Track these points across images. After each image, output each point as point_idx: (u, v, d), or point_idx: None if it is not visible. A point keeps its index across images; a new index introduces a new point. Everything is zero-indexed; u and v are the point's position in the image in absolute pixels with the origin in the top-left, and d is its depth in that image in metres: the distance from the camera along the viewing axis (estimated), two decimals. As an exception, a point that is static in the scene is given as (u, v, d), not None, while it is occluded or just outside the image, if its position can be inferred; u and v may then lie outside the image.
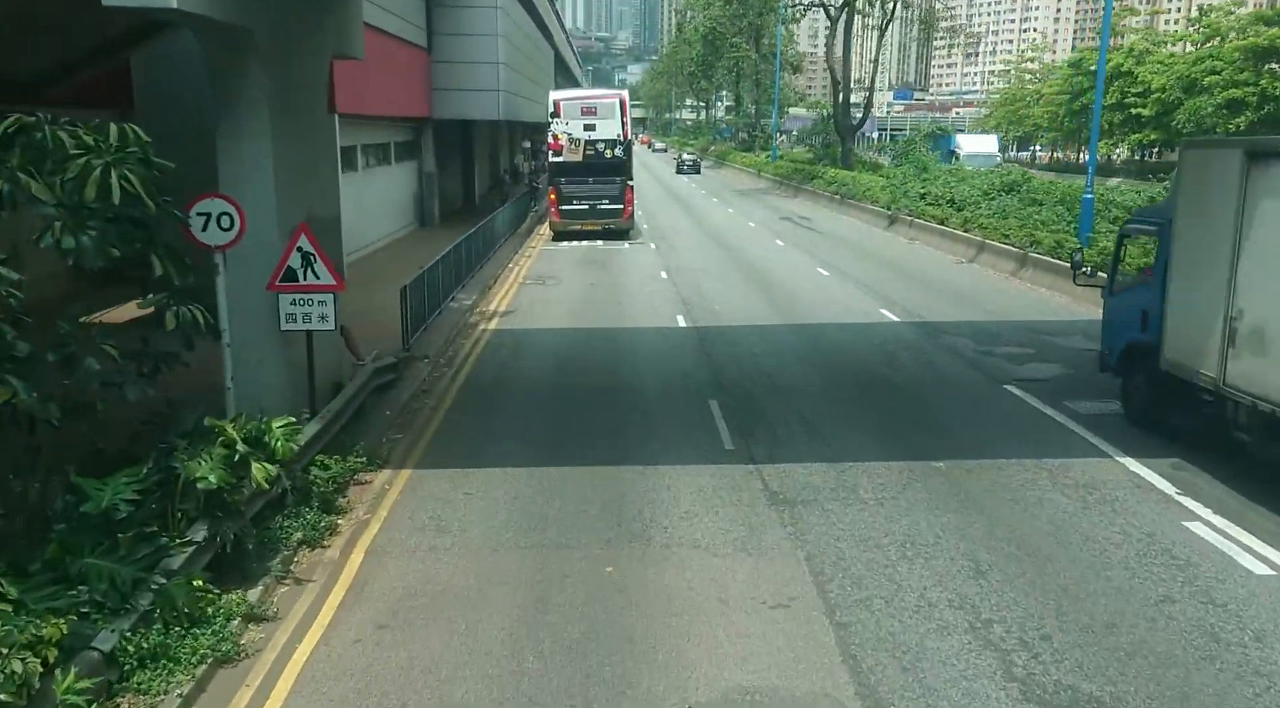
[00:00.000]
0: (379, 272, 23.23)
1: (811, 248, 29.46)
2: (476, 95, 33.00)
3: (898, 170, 39.32)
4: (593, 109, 31.13)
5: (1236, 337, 9.54)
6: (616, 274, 24.63)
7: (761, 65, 79.08)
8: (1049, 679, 6.45)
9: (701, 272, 24.77)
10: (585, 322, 18.66)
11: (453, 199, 41.18)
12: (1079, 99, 65.24)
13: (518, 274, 24.78)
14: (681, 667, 6.60)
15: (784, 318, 18.80)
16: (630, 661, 6.69)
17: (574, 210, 31.42)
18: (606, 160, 31.12)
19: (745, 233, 33.93)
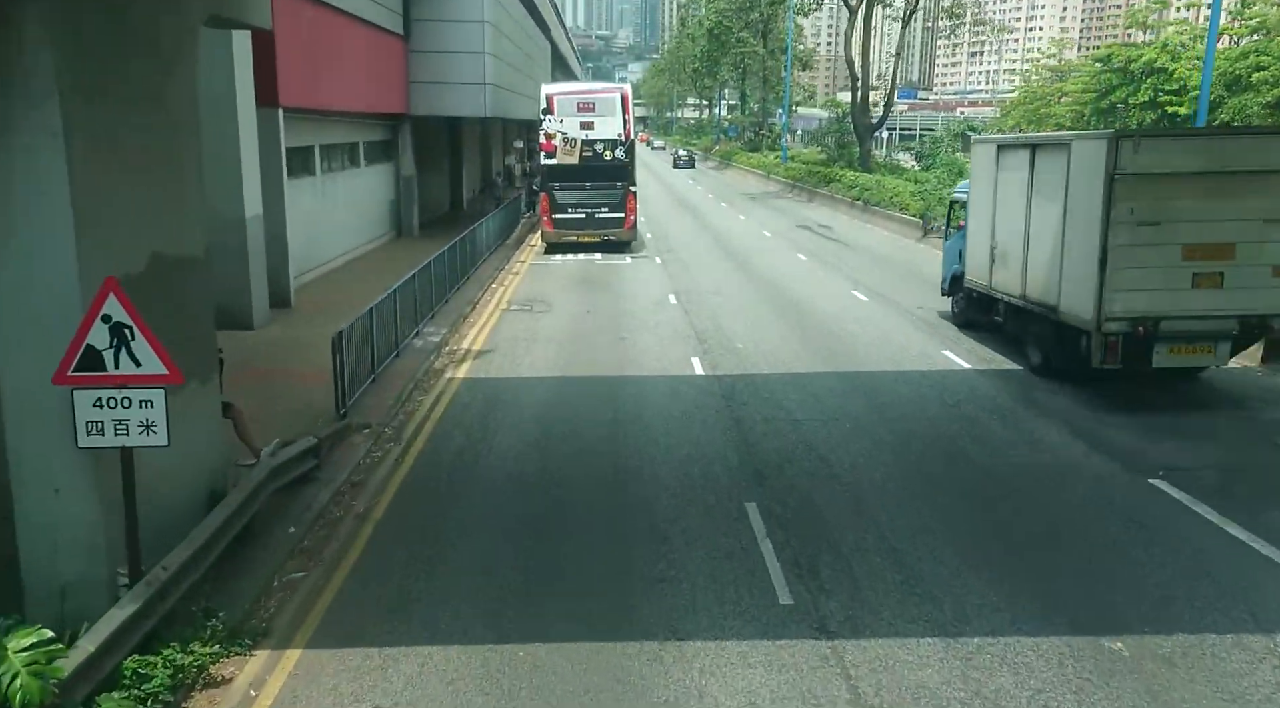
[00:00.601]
0: (335, 295, 19.61)
1: (839, 263, 25.81)
2: (460, 89, 29.34)
3: (928, 174, 35.66)
4: (591, 105, 27.49)
5: (994, 259, 15.43)
6: (617, 298, 20.99)
7: (769, 62, 75.50)
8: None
9: (716, 295, 21.12)
10: (579, 367, 15.01)
11: (437, 204, 37.52)
12: (1107, 97, 61.47)
13: (501, 297, 21.13)
14: None
15: (824, 362, 15.15)
16: None
17: (569, 219, 27.78)
18: (606, 163, 27.49)
19: (761, 244, 30.27)
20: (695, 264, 26.03)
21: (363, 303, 14.25)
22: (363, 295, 15.67)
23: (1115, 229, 12.13)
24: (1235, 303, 12.33)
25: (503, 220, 31.32)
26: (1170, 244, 12.18)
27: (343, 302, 18.11)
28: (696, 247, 29.87)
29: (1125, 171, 12.04)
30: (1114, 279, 12.20)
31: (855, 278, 23.36)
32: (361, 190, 26.21)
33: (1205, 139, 13.60)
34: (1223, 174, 12.09)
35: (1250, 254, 12.20)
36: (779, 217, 39.37)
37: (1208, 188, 12.09)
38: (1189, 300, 12.25)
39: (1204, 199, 12.11)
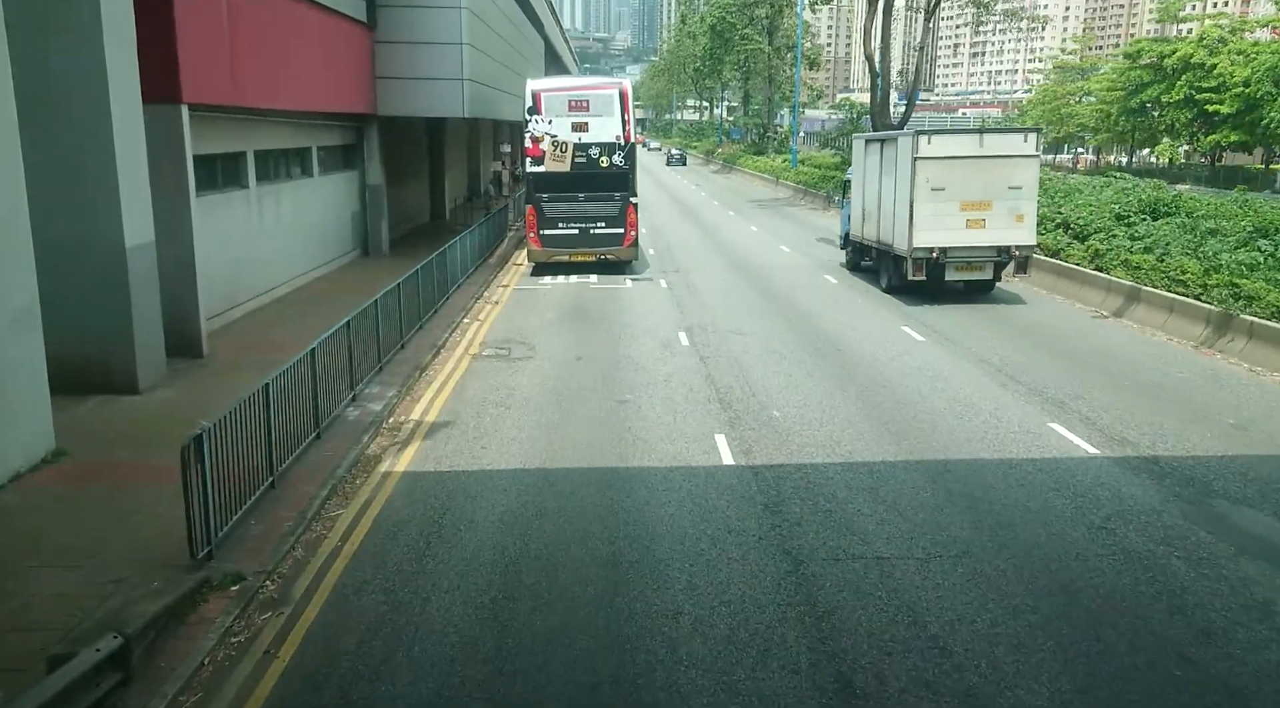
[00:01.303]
0: (268, 336, 15.87)
1: (875, 286, 21.95)
2: (434, 86, 25.47)
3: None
4: (584, 103, 23.63)
5: (864, 218, 22.23)
6: (615, 337, 17.10)
7: (774, 60, 71.72)
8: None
9: (737, 333, 17.25)
10: (564, 451, 11.11)
11: (414, 215, 33.65)
12: (1137, 96, 57.75)
13: (474, 337, 17.24)
14: None
15: (893, 440, 11.27)
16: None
17: (560, 236, 23.92)
18: (602, 171, 23.64)
19: (780, 261, 26.41)
20: (707, 288, 22.15)
21: (304, 343, 10.67)
22: (306, 334, 12.16)
23: (917, 192, 18.97)
24: (993, 239, 19.25)
25: (486, 234, 27.46)
26: (951, 201, 19.00)
27: (277, 345, 14.42)
28: (706, 265, 26.00)
29: (922, 156, 18.93)
30: (918, 225, 19.04)
31: (896, 304, 19.51)
32: (315, 203, 22.32)
33: (971, 136, 20.02)
34: (983, 157, 19.07)
35: (1000, 208, 19.06)
36: (794, 227, 35.50)
37: (974, 166, 18.99)
38: (964, 238, 19.20)
39: (972, 173, 18.96)
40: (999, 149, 19.21)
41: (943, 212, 18.95)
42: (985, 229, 19.06)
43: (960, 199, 18.93)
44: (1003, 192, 18.94)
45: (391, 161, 28.93)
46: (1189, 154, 64.88)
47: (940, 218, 18.94)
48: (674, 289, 22.18)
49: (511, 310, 19.81)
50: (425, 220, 35.94)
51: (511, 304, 20.55)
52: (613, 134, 23.55)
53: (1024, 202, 19.12)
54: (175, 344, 14.03)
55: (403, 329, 15.70)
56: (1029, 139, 19.60)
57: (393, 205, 29.05)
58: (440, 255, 19.66)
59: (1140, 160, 71.37)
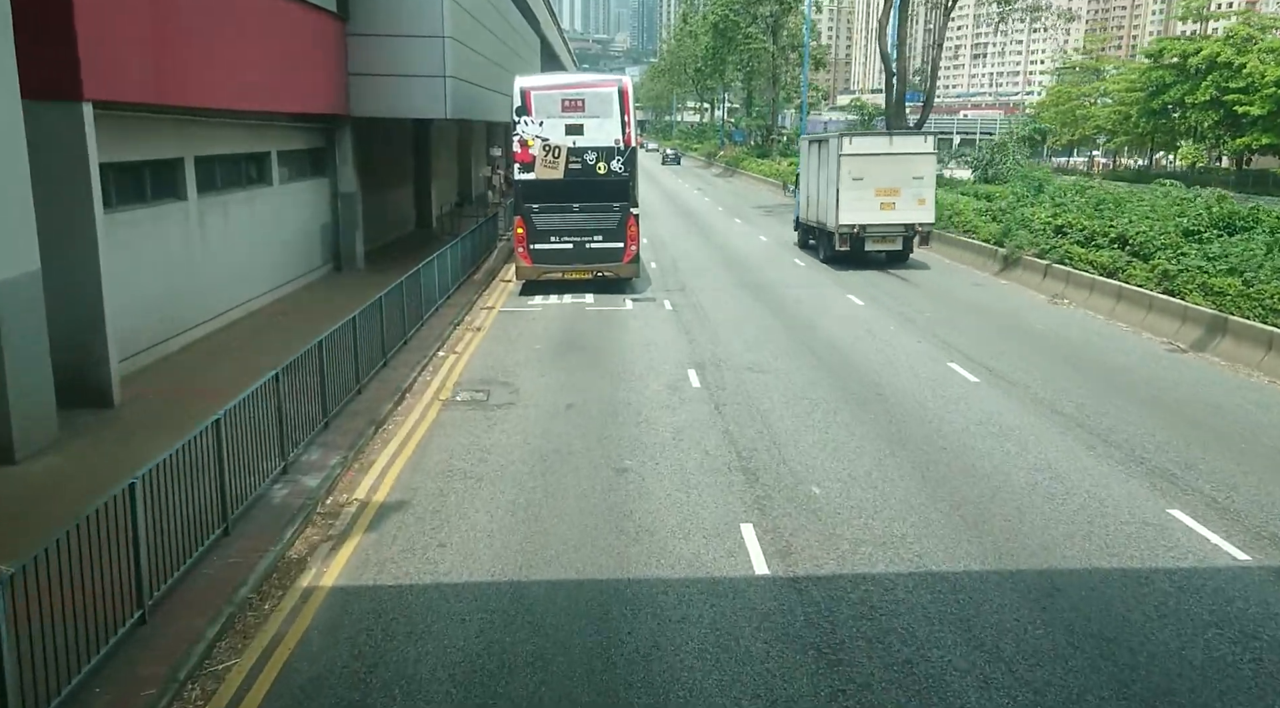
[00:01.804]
0: (204, 377, 13.31)
1: (909, 311, 19.42)
2: (413, 84, 22.92)
3: (1003, 189, 29.28)
4: (579, 102, 21.09)
5: (808, 204, 27.04)
6: (613, 377, 14.54)
7: (779, 59, 69.32)
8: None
9: (757, 372, 14.70)
10: (547, 549, 8.54)
11: (398, 224, 31.11)
12: (1159, 97, 55.23)
13: (448, 376, 14.69)
14: None
15: (977, 538, 8.70)
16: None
17: (552, 251, 21.37)
18: (600, 178, 21.11)
19: (796, 278, 23.85)
20: (717, 311, 19.60)
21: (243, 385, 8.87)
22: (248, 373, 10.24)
23: (841, 182, 23.86)
24: (900, 218, 24.13)
25: (472, 246, 24.93)
26: (868, 189, 23.80)
27: (209, 390, 11.92)
28: (714, 281, 23.45)
29: (845, 153, 23.89)
30: (842, 208, 23.96)
31: (941, 336, 16.95)
32: (275, 215, 19.77)
33: (884, 137, 26.95)
34: (892, 154, 24.12)
35: (907, 194, 23.89)
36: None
37: (886, 161, 23.95)
38: (879, 217, 24.00)
39: (884, 166, 23.87)
40: (905, 148, 24.63)
41: (862, 197, 23.93)
42: (895, 210, 24.16)
43: (875, 187, 23.96)
44: (908, 181, 24.06)
45: (370, 166, 26.41)
46: (1211, 158, 62.37)
47: (860, 202, 23.97)
48: (680, 312, 19.63)
49: (495, 340, 17.25)
50: (410, 229, 33.39)
51: (495, 331, 17.98)
52: (611, 137, 21.02)
53: (925, 189, 24.26)
54: (76, 394, 11.51)
55: (360, 372, 13.14)
56: (928, 140, 25.59)
57: (371, 214, 26.52)
58: (415, 275, 17.13)
59: (1155, 163, 68.92)
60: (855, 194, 23.82)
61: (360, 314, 13.52)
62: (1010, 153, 33.31)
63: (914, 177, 23.93)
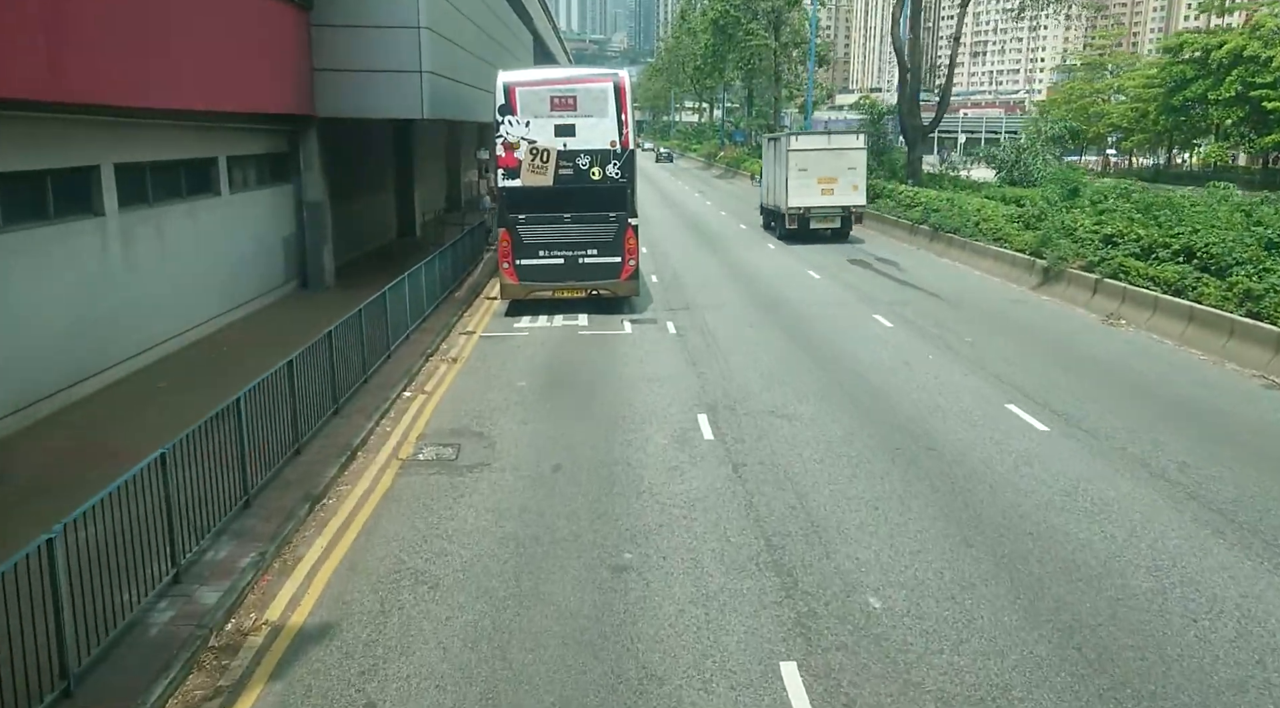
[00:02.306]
0: (98, 436, 10.85)
1: (947, 335, 17.06)
2: (386, 81, 20.55)
3: (1027, 191, 26.96)
4: (570, 99, 18.73)
5: (768, 191, 32.69)
6: (610, 427, 12.17)
7: (780, 56, 66.97)
8: None
9: (782, 418, 12.34)
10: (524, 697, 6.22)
11: (377, 233, 28.75)
12: (1180, 93, 52.86)
13: (411, 425, 12.31)
14: None
15: (1111, 696, 6.37)
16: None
17: (541, 267, 19.02)
18: (594, 185, 18.76)
19: (813, 295, 21.49)
20: (728, 336, 17.24)
21: (162, 440, 6.92)
22: (170, 425, 8.52)
23: (790, 172, 28.83)
24: (838, 201, 29.11)
25: (455, 258, 22.58)
26: (812, 177, 28.69)
27: (113, 449, 9.59)
28: (723, 298, 21.09)
29: (792, 149, 28.89)
30: (791, 193, 29.02)
31: (989, 367, 14.60)
32: (225, 229, 17.41)
33: (824, 135, 31.52)
34: (831, 149, 28.96)
35: (843, 181, 28.75)
36: (818, 244, 30.55)
37: (826, 154, 28.79)
38: (820, 200, 28.94)
39: (825, 159, 28.72)
40: (841, 144, 29.83)
41: (807, 184, 29.07)
42: (834, 195, 29.17)
43: (817, 176, 28.98)
44: (845, 171, 29.03)
45: (343, 171, 24.07)
46: (1232, 156, 60.03)
47: (805, 188, 29.11)
48: (686, 337, 17.27)
49: (472, 374, 14.87)
50: (391, 238, 31.05)
51: (474, 363, 15.60)
52: (606, 139, 18.66)
53: (858, 177, 29.42)
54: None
55: (300, 426, 10.77)
56: (859, 138, 31.09)
57: (345, 223, 24.18)
58: (380, 299, 14.78)
59: (1171, 162, 66.68)
60: (801, 182, 29.15)
61: (310, 349, 11.19)
62: (1039, 154, 30.99)
63: (849, 167, 29.21)
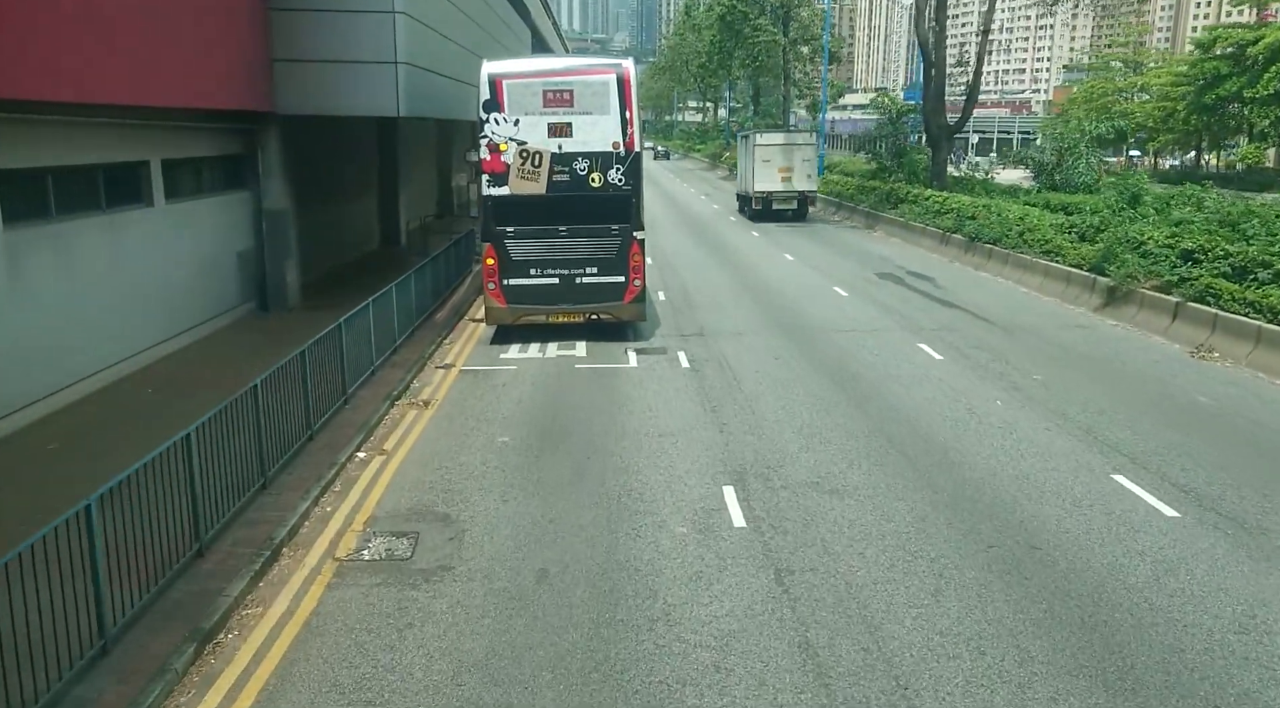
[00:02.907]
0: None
1: (1004, 367, 14.44)
2: (356, 73, 17.94)
3: (1084, 198, 24.34)
4: (567, 94, 16.12)
5: (742, 180, 39.58)
6: (611, 507, 9.54)
7: (790, 52, 64.40)
8: None
9: (832, 496, 9.70)
10: None
11: (355, 243, 26.14)
12: (1212, 90, 50.17)
13: (360, 503, 9.66)
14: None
15: None
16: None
17: (532, 288, 16.41)
18: (594, 193, 16.16)
19: (844, 318, 18.86)
20: (751, 372, 14.61)
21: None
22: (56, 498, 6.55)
23: (756, 163, 35.51)
24: (795, 187, 35.59)
25: (437, 274, 19.99)
26: (773, 167, 35.18)
27: None
28: (741, 321, 18.49)
29: (758, 143, 35.80)
30: (756, 180, 35.49)
31: (1073, 416, 11.97)
32: (158, 245, 14.80)
33: (782, 132, 40.13)
34: (789, 144, 35.86)
35: (799, 171, 35.40)
36: (840, 255, 27.95)
37: (785, 148, 35.35)
38: (780, 186, 35.23)
39: (784, 152, 35.26)
40: (797, 141, 36.59)
41: (769, 172, 35.45)
42: (791, 182, 35.51)
43: (778, 166, 35.34)
44: (800, 163, 35.59)
45: (314, 174, 21.51)
46: (1254, 157, 57.32)
47: (768, 175, 35.46)
48: (701, 372, 14.66)
49: (445, 425, 12.25)
50: (374, 247, 28.46)
51: (449, 409, 12.98)
52: (608, 139, 16.06)
53: (811, 168, 36.37)
54: None
55: (206, 515, 8.15)
56: (811, 135, 38.91)
57: (316, 233, 21.59)
58: (337, 332, 12.19)
59: (1200, 162, 64.07)
60: (765, 171, 35.89)
61: (234, 404, 8.63)
62: (1084, 156, 28.32)
63: (804, 160, 36.05)
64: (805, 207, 36.40)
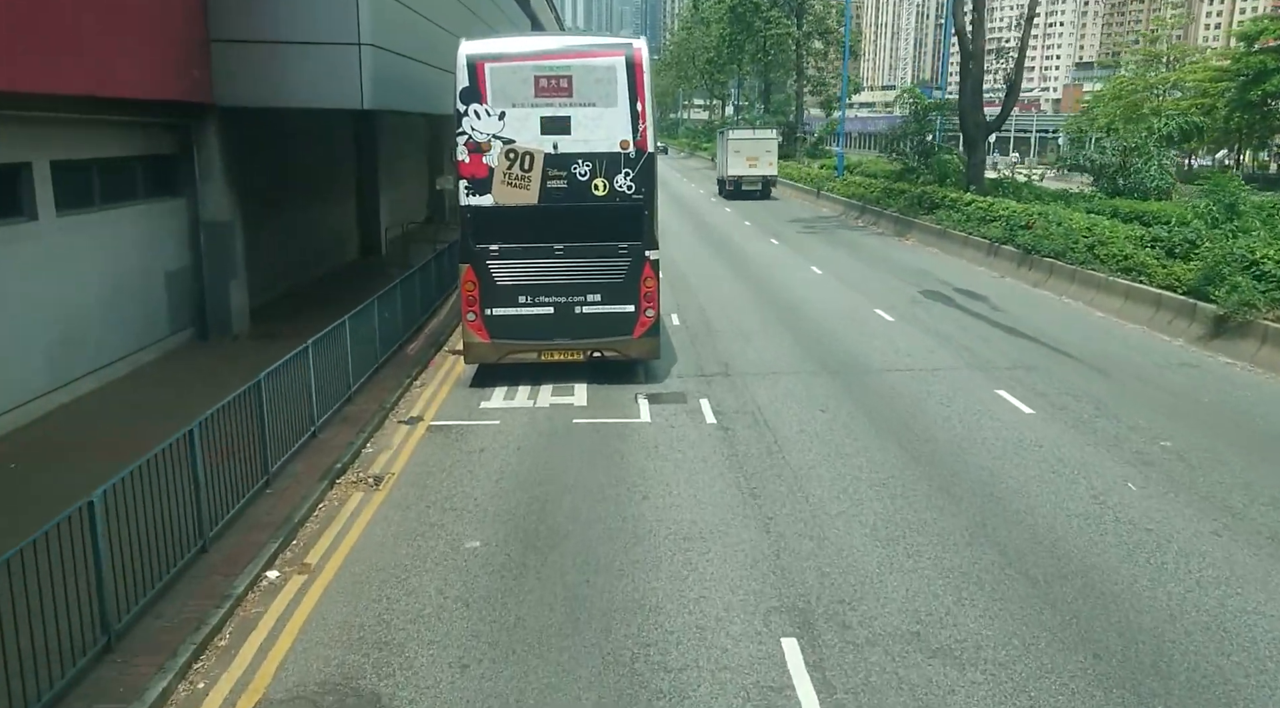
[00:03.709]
0: None
1: (1117, 426, 11.35)
2: (312, 58, 14.90)
3: (1168, 207, 21.24)
4: (564, 81, 13.01)
5: (717, 167, 50.02)
6: (624, 666, 6.50)
7: (804, 45, 61.34)
8: None
9: (944, 657, 6.62)
10: None
11: (327, 254, 23.09)
12: (1257, 86, 46.92)
13: (251, 670, 6.59)
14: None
15: None
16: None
17: (521, 320, 13.34)
18: (597, 204, 13.10)
19: (895, 348, 15.76)
20: (796, 432, 11.53)
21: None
22: None
23: (729, 154, 45.34)
24: (759, 172, 44.79)
25: (405, 299, 16.96)
26: (742, 156, 44.73)
27: None
28: (769, 351, 15.42)
29: (730, 138, 46.33)
30: (729, 167, 45.02)
31: (1245, 512, 8.87)
32: (47, 268, 11.75)
33: (750, 128, 50.42)
34: (755, 138, 45.90)
35: (763, 160, 44.84)
36: (873, 266, 24.85)
37: (751, 142, 45.43)
38: (747, 171, 44.73)
39: (750, 144, 45.13)
40: (761, 136, 45.92)
41: (739, 160, 44.30)
42: (757, 168, 44.30)
43: (746, 156, 44.31)
44: (763, 153, 44.54)
45: (273, 175, 18.57)
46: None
47: (738, 163, 44.25)
48: (732, 433, 11.59)
49: (398, 518, 9.17)
50: (352, 257, 25.44)
51: (405, 490, 9.89)
52: (615, 138, 12.98)
53: (772, 157, 44.84)
54: None
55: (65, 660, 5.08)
56: (772, 131, 48.77)
57: (274, 246, 18.64)
58: (257, 389, 9.15)
59: (1221, 162, 60.84)
60: (735, 159, 44.43)
61: (80, 512, 5.60)
62: (1153, 157, 25.09)
63: (766, 151, 44.62)
64: (768, 188, 45.89)
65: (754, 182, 44.61)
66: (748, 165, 44.14)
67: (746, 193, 44.51)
